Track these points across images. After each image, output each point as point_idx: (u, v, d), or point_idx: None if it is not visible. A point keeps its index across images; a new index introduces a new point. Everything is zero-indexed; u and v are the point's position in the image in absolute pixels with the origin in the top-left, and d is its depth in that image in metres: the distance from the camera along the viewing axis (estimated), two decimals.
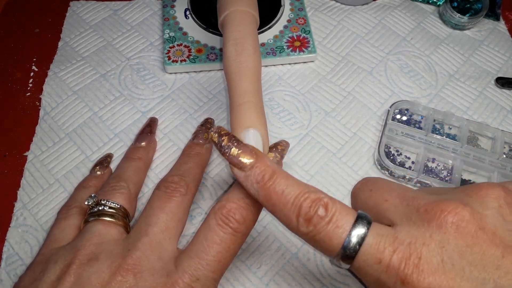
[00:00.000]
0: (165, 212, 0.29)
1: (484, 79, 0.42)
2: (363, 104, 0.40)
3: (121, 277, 0.25)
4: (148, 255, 0.26)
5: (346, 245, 0.21)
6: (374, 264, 0.21)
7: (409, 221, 0.22)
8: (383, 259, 0.20)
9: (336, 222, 0.21)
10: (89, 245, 0.27)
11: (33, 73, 0.42)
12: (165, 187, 0.30)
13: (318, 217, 0.22)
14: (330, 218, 0.22)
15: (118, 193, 0.31)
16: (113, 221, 0.29)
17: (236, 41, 0.32)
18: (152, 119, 0.38)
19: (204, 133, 0.36)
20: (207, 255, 0.25)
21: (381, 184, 0.25)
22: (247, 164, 0.24)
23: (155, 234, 0.27)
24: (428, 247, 0.20)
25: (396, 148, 0.38)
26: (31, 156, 0.37)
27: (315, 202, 0.22)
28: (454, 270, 0.20)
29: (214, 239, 0.25)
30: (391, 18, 0.46)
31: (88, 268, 0.25)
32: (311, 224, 0.22)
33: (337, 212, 0.22)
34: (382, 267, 0.20)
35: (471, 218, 0.21)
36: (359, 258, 0.21)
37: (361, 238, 0.21)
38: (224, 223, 0.25)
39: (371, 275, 0.21)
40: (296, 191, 0.23)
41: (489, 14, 0.46)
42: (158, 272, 0.25)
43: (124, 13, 0.46)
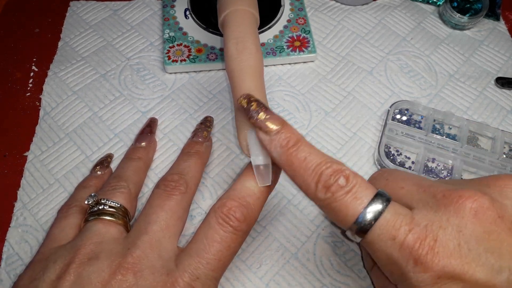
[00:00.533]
0: (165, 210, 0.29)
1: (484, 79, 0.42)
2: (363, 104, 0.40)
3: (121, 276, 0.25)
4: (148, 254, 0.26)
5: (362, 217, 0.21)
6: (388, 240, 0.21)
7: (426, 205, 0.22)
8: (397, 237, 0.20)
9: (355, 194, 0.22)
10: (89, 244, 0.27)
11: (33, 73, 0.42)
12: (164, 185, 0.30)
13: (338, 186, 0.22)
14: (350, 189, 0.22)
15: (118, 192, 0.31)
16: (113, 220, 0.29)
17: (237, 40, 0.32)
18: (152, 119, 0.38)
19: (204, 131, 0.36)
20: (207, 253, 0.25)
21: (397, 173, 0.25)
22: (274, 129, 0.24)
23: (154, 233, 0.27)
24: (444, 231, 0.20)
25: (396, 148, 0.38)
26: (31, 156, 0.37)
27: (336, 171, 0.22)
28: (471, 255, 0.20)
29: (215, 237, 0.25)
30: (391, 18, 0.46)
31: (88, 267, 0.25)
32: (329, 191, 0.22)
33: (358, 185, 0.22)
34: (395, 244, 0.20)
35: (490, 205, 0.21)
36: (373, 231, 0.21)
37: (378, 213, 0.21)
38: (225, 221, 0.25)
39: (383, 251, 0.21)
40: (318, 159, 0.23)
41: (489, 14, 0.46)
42: (158, 270, 0.25)
43: (124, 13, 0.46)
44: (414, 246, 0.20)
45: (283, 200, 0.35)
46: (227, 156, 0.37)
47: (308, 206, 0.35)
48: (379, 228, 0.21)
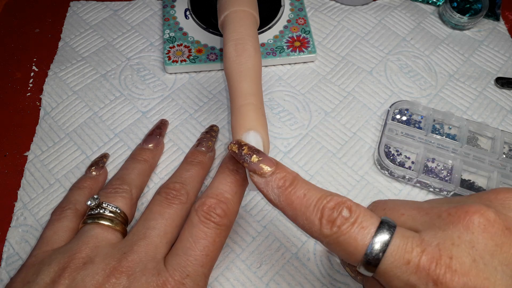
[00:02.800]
0: (165, 218, 0.29)
1: (484, 79, 0.42)
2: (363, 104, 0.40)
3: (115, 279, 0.25)
4: (142, 258, 0.26)
5: (371, 247, 0.21)
6: (402, 265, 0.20)
7: (433, 226, 0.21)
8: (411, 260, 0.20)
9: (361, 224, 0.21)
10: (85, 248, 0.27)
11: (33, 73, 0.42)
12: (166, 193, 0.31)
13: (343, 218, 0.22)
14: (355, 220, 0.21)
15: (120, 196, 0.31)
16: (111, 226, 0.29)
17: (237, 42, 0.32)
18: (163, 121, 0.38)
19: (209, 141, 0.36)
20: (194, 250, 0.26)
21: (393, 202, 0.25)
22: (268, 171, 0.24)
23: (152, 238, 0.28)
24: (458, 248, 0.20)
25: (396, 148, 0.38)
26: (31, 156, 0.37)
27: (338, 204, 0.22)
28: (488, 270, 0.19)
29: (199, 234, 0.26)
30: (391, 18, 0.46)
31: (83, 271, 0.26)
32: (335, 225, 0.22)
33: (362, 215, 0.22)
34: (411, 268, 0.20)
35: (496, 218, 0.21)
36: (386, 260, 0.21)
37: (387, 241, 0.21)
38: (206, 218, 0.26)
39: (399, 278, 0.20)
40: (318, 194, 0.23)
41: (488, 14, 0.46)
42: (150, 272, 0.26)
43: (124, 13, 0.46)
44: (430, 267, 0.20)
45: None
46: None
47: None
48: (391, 255, 0.20)
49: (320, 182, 0.36)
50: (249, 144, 0.26)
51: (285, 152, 0.37)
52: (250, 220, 0.34)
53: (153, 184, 0.36)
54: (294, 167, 0.37)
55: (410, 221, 0.23)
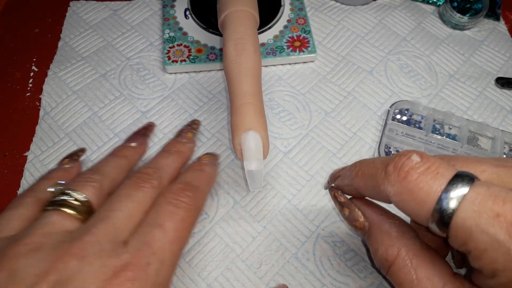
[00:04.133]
0: (131, 200, 0.26)
1: (484, 79, 0.42)
2: (363, 104, 0.40)
3: (62, 264, 0.22)
4: (100, 239, 0.23)
5: (447, 195, 0.18)
6: (489, 218, 0.17)
7: None
8: (502, 213, 0.17)
9: (436, 170, 0.18)
10: (35, 235, 0.23)
11: (33, 73, 0.42)
12: (136, 177, 0.28)
13: (412, 163, 0.19)
14: (428, 167, 0.19)
15: (89, 186, 0.27)
16: (73, 215, 0.25)
17: (236, 42, 0.32)
18: (150, 124, 0.38)
19: (188, 132, 0.36)
20: (161, 226, 0.25)
21: (464, 158, 0.21)
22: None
23: (114, 219, 0.25)
24: None
25: (396, 148, 0.38)
26: (31, 156, 0.37)
27: (407, 151, 0.20)
28: None
29: (167, 210, 0.26)
30: (391, 18, 0.46)
31: (24, 260, 0.22)
32: (403, 171, 0.19)
33: (437, 163, 0.19)
34: (500, 223, 0.17)
35: None
36: (466, 208, 0.17)
37: (466, 189, 0.17)
38: (175, 199, 0.26)
39: (484, 232, 0.17)
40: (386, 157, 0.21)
41: (489, 14, 0.46)
42: (106, 253, 0.23)
43: (124, 13, 0.46)
44: None
45: (283, 200, 0.35)
46: (227, 156, 0.37)
47: (308, 206, 0.35)
48: (472, 203, 0.17)
49: (320, 182, 0.36)
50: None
51: (285, 152, 0.37)
52: (250, 220, 0.34)
53: None
54: (294, 167, 0.37)
55: (495, 180, 0.19)
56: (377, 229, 0.24)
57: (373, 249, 0.24)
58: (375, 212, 0.25)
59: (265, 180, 0.36)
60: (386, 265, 0.23)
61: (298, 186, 0.36)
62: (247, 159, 0.29)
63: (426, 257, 0.22)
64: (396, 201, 0.20)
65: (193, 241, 0.33)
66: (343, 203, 0.26)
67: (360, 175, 0.23)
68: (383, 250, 0.23)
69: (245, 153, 0.29)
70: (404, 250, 0.22)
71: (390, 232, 0.23)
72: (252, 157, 0.29)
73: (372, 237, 0.24)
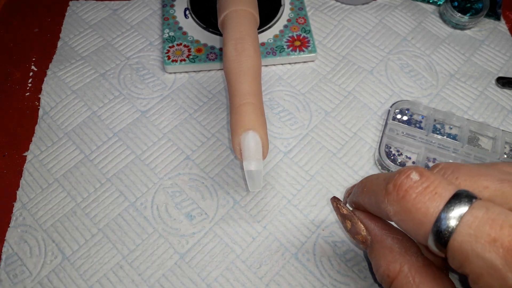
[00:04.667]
0: None
1: (484, 79, 0.42)
2: (364, 104, 0.40)
3: None
4: None
5: (445, 215, 0.17)
6: (485, 243, 0.16)
7: None
8: (499, 239, 0.16)
9: (434, 190, 0.18)
10: None
11: (32, 73, 0.42)
12: None
13: (411, 181, 0.19)
14: (427, 185, 0.18)
15: None
16: None
17: (236, 41, 0.32)
18: None
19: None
20: None
21: (468, 169, 0.20)
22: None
23: None
24: None
25: (396, 148, 0.38)
26: (30, 156, 0.37)
27: (408, 168, 0.19)
28: None
29: None
30: (392, 18, 0.46)
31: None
32: (402, 190, 0.19)
33: (437, 181, 0.18)
34: (496, 249, 0.16)
35: None
36: (463, 231, 0.17)
37: (466, 211, 0.17)
38: None
39: (480, 257, 0.17)
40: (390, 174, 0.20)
41: (489, 13, 0.46)
42: None
43: (124, 12, 0.46)
44: None
45: (283, 200, 0.35)
46: (227, 156, 0.37)
47: (308, 206, 0.35)
48: (469, 227, 0.17)
49: (320, 182, 0.36)
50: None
51: (285, 152, 0.37)
52: (250, 220, 0.34)
53: (152, 184, 0.36)
54: (294, 167, 0.37)
55: (498, 197, 0.18)
56: (379, 244, 0.24)
57: (375, 264, 0.24)
58: (378, 226, 0.24)
59: (265, 180, 0.36)
60: (388, 281, 0.23)
61: (298, 186, 0.36)
62: (246, 159, 0.29)
63: (428, 274, 0.21)
64: (395, 220, 0.20)
65: (193, 241, 0.33)
66: (345, 215, 0.26)
67: (365, 192, 0.23)
68: (385, 266, 0.23)
69: (245, 153, 0.29)
70: (407, 266, 0.22)
71: (393, 248, 0.23)
72: (251, 157, 0.29)
73: (374, 251, 0.24)
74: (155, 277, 0.32)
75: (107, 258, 0.32)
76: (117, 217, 0.34)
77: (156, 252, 0.33)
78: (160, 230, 0.34)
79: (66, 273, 0.32)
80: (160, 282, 0.31)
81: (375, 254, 0.24)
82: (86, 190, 0.35)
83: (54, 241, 0.33)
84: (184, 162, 0.37)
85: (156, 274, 0.32)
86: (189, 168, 0.36)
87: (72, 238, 0.33)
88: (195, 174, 0.36)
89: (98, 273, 0.32)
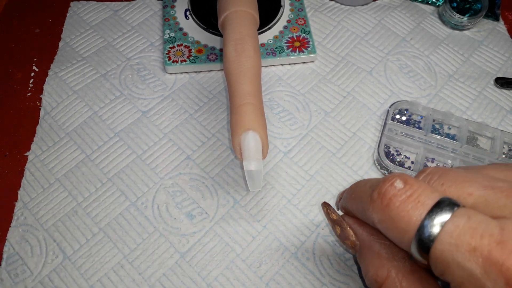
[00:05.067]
0: None
1: (483, 79, 0.42)
2: (363, 104, 0.40)
3: None
4: None
5: (428, 224, 0.17)
6: (465, 252, 0.16)
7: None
8: (479, 248, 0.16)
9: (418, 198, 0.18)
10: None
11: (33, 73, 0.42)
12: None
13: (395, 189, 0.19)
14: (410, 193, 0.19)
15: None
16: None
17: (236, 42, 0.32)
18: None
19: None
20: None
21: (455, 174, 0.20)
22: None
23: None
24: None
25: (395, 148, 0.38)
26: (31, 156, 0.37)
27: (392, 176, 0.19)
28: None
29: None
30: (391, 19, 0.46)
31: None
32: (386, 198, 0.19)
33: (420, 189, 0.19)
34: (476, 258, 0.16)
35: None
36: (443, 239, 0.17)
37: (447, 220, 0.17)
38: None
39: (460, 266, 0.17)
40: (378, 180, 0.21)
41: (488, 14, 0.46)
42: None
43: (125, 13, 0.46)
44: (505, 263, 0.16)
45: (283, 199, 0.35)
46: (227, 156, 0.37)
47: (307, 205, 0.35)
48: (450, 236, 0.17)
49: (320, 182, 0.36)
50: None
51: (285, 152, 0.38)
52: (250, 219, 0.34)
53: (153, 184, 0.36)
54: (294, 167, 0.37)
55: (482, 204, 0.18)
56: (367, 249, 0.24)
57: (364, 268, 0.24)
58: (366, 232, 0.24)
59: (265, 180, 0.36)
60: (376, 286, 0.23)
61: (298, 186, 0.36)
62: (246, 159, 0.29)
63: (416, 279, 0.22)
64: (380, 228, 0.20)
65: (193, 241, 0.33)
66: (335, 220, 0.26)
67: (353, 198, 0.23)
68: (374, 271, 0.23)
69: (245, 153, 0.29)
70: (394, 271, 0.22)
71: (381, 253, 0.23)
72: (251, 157, 0.29)
73: (362, 256, 0.24)
74: (155, 276, 0.32)
75: (108, 257, 0.33)
76: (118, 217, 0.34)
77: (157, 251, 0.33)
78: (161, 230, 0.34)
79: (67, 272, 0.32)
80: (161, 281, 0.32)
81: (364, 259, 0.24)
82: (87, 189, 0.36)
83: (55, 241, 0.33)
84: (185, 162, 0.37)
85: (156, 273, 0.32)
86: (190, 168, 0.37)
87: (73, 238, 0.33)
88: (195, 174, 0.36)
89: (99, 272, 0.32)
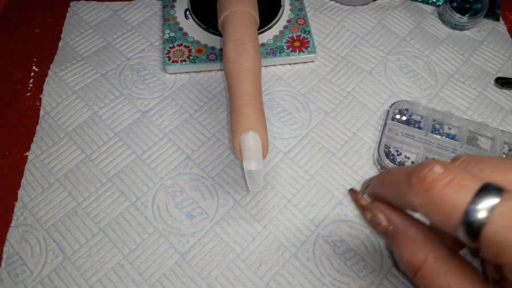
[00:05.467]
0: None
1: (483, 79, 0.42)
2: (363, 104, 0.40)
3: None
4: None
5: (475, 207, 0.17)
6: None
7: None
8: None
9: (460, 182, 0.18)
10: None
11: (33, 73, 0.42)
12: None
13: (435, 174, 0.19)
14: (452, 178, 0.18)
15: None
16: None
17: (236, 42, 0.32)
18: None
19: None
20: None
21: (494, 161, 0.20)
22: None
23: None
24: None
25: (395, 148, 0.38)
26: (31, 156, 0.37)
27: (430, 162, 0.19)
28: None
29: None
30: (391, 18, 0.46)
31: None
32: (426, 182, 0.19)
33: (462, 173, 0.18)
34: None
35: None
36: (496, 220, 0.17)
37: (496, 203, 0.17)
38: None
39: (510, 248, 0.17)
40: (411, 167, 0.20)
41: (488, 14, 0.46)
42: None
43: (124, 13, 0.46)
44: None
45: (283, 199, 0.35)
46: (227, 156, 0.37)
47: (308, 206, 0.35)
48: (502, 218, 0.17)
49: (320, 182, 0.36)
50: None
51: (285, 152, 0.38)
52: (250, 220, 0.34)
53: (153, 184, 0.36)
54: (294, 167, 0.37)
55: None
56: (402, 234, 0.24)
57: (398, 254, 0.24)
58: (399, 217, 0.24)
59: (265, 180, 0.36)
60: (413, 270, 0.23)
61: (298, 186, 0.36)
62: (246, 159, 0.29)
63: (455, 264, 0.22)
64: (422, 211, 0.20)
65: (193, 241, 0.33)
66: (365, 206, 0.26)
67: (386, 185, 0.23)
68: (409, 256, 0.23)
69: (245, 153, 0.29)
70: (432, 256, 0.22)
71: (416, 238, 0.23)
72: (251, 157, 0.29)
73: (396, 241, 0.24)
74: (155, 276, 0.32)
75: (108, 257, 0.33)
76: (117, 217, 0.34)
77: (157, 251, 0.33)
78: (161, 230, 0.34)
79: (67, 272, 0.32)
80: (161, 281, 0.32)
81: (398, 244, 0.24)
82: (87, 189, 0.35)
83: (55, 241, 0.33)
84: (185, 162, 0.37)
85: (156, 273, 0.32)
86: (190, 168, 0.37)
87: (73, 238, 0.33)
88: (195, 174, 0.36)
89: (99, 272, 0.32)
